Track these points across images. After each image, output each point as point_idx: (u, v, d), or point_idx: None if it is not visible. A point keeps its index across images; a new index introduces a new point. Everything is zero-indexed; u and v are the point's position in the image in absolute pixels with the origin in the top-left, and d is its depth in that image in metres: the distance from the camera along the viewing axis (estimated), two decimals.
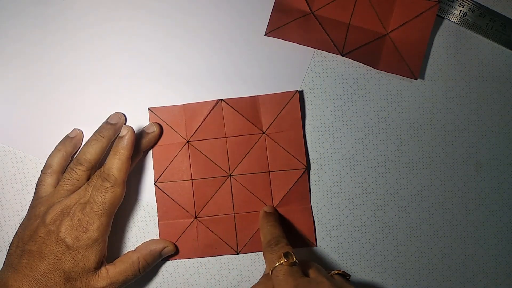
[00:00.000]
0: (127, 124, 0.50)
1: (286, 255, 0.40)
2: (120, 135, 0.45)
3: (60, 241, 0.43)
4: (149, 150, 0.49)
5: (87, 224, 0.43)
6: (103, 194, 0.43)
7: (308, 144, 0.50)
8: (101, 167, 0.45)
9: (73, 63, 0.50)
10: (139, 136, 0.48)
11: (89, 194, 0.44)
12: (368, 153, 0.50)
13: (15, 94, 0.50)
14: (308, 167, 0.50)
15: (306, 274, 0.41)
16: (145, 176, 0.50)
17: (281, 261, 0.40)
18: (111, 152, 0.45)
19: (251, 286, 0.42)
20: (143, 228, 0.50)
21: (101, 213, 0.43)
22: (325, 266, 0.50)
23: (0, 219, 0.50)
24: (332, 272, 0.42)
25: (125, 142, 0.44)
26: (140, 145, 0.47)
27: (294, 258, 0.40)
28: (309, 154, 0.50)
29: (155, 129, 0.48)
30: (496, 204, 0.50)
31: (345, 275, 0.43)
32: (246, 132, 0.49)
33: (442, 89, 0.51)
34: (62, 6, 0.51)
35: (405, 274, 0.50)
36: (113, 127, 0.48)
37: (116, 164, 0.44)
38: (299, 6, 0.50)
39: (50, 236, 0.43)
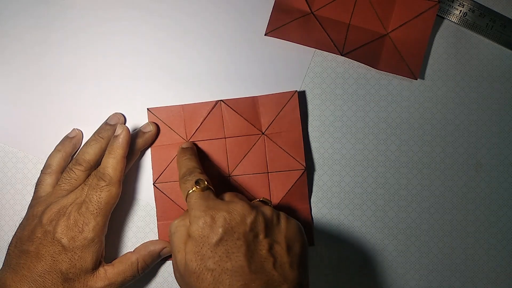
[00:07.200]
0: (126, 124, 0.50)
1: (197, 182, 0.41)
2: (115, 134, 0.45)
3: (56, 242, 0.42)
4: (146, 149, 0.49)
5: (82, 224, 0.43)
6: (99, 193, 0.43)
7: (308, 144, 0.50)
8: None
9: (73, 63, 0.50)
10: (135, 135, 0.48)
11: (85, 193, 0.44)
12: (368, 153, 0.50)
13: (15, 94, 0.50)
14: (307, 168, 0.50)
15: (221, 199, 0.42)
16: (145, 176, 0.50)
17: (193, 188, 0.41)
18: (106, 152, 0.45)
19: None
20: (143, 228, 0.50)
21: (96, 212, 0.43)
22: (324, 266, 0.50)
23: (0, 219, 0.50)
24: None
25: (120, 141, 0.44)
26: (137, 144, 0.47)
27: (206, 183, 0.41)
28: (309, 154, 0.50)
29: (151, 129, 0.48)
30: (496, 204, 0.50)
31: (266, 202, 0.43)
32: (245, 133, 0.49)
33: (442, 89, 0.50)
34: (62, 6, 0.51)
35: (405, 274, 0.50)
36: (112, 128, 0.48)
37: (111, 163, 0.44)
38: (299, 6, 0.50)
39: (46, 237, 0.43)
